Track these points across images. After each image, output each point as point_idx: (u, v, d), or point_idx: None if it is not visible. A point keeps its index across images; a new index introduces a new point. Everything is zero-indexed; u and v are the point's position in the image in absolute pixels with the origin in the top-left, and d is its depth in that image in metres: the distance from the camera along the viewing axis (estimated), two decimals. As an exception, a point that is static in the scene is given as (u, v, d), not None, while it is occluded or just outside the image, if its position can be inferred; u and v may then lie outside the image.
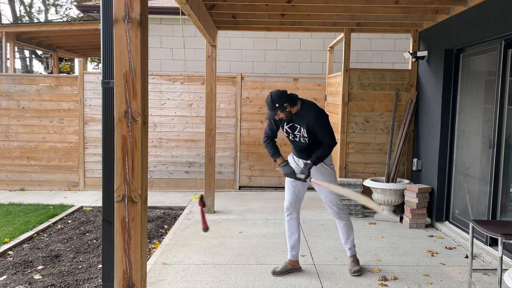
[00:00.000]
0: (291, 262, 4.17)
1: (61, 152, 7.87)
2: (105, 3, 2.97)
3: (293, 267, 4.15)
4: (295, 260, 4.18)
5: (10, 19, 24.32)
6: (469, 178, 5.25)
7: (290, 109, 3.86)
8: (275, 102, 3.80)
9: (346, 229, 4.19)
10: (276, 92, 3.85)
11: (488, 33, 4.60)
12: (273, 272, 4.08)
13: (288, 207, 4.16)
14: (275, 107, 3.81)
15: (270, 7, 5.49)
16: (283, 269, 4.10)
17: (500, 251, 3.25)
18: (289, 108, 3.84)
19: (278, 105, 3.81)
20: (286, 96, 3.85)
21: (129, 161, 2.28)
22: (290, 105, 3.84)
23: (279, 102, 3.81)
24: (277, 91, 3.87)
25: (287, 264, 4.15)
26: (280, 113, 3.85)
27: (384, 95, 6.41)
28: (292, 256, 4.18)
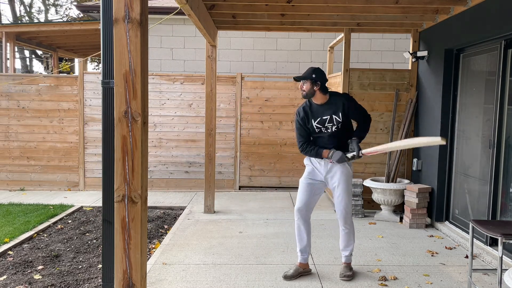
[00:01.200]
0: (302, 265, 4.09)
1: (61, 152, 7.87)
2: (105, 3, 2.97)
3: (304, 270, 4.08)
4: (305, 263, 4.11)
5: (10, 19, 24.33)
6: (469, 178, 5.25)
7: (317, 90, 3.84)
8: (315, 73, 3.82)
9: (347, 237, 4.08)
10: (321, 69, 3.90)
11: (488, 33, 4.60)
12: (285, 277, 3.99)
13: (301, 209, 4.01)
14: (311, 76, 3.81)
15: (270, 7, 5.49)
16: (294, 272, 4.02)
17: (500, 251, 3.25)
18: (317, 87, 3.83)
19: (315, 76, 3.80)
20: (325, 78, 3.88)
21: (129, 161, 2.28)
22: (320, 86, 3.84)
23: (317, 75, 3.82)
24: (323, 71, 3.92)
25: (298, 267, 4.06)
26: (308, 84, 3.83)
27: (384, 95, 6.41)
28: (302, 260, 4.09)
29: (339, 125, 3.88)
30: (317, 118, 3.91)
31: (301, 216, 4.03)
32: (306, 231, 4.06)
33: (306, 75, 3.85)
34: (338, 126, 3.88)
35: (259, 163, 7.94)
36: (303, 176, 4.07)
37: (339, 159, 3.82)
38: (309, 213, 4.06)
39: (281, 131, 7.89)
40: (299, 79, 3.88)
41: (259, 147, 7.91)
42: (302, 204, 4.01)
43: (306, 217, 4.05)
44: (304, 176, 4.07)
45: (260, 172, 7.94)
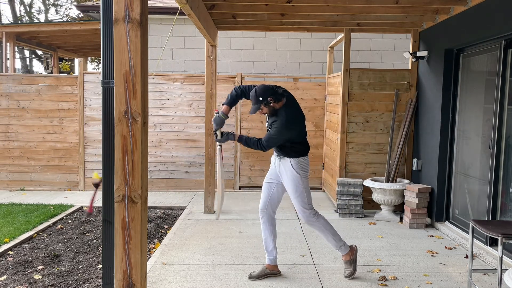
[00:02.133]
0: (269, 266, 4.04)
1: (61, 152, 7.87)
2: (105, 3, 2.96)
3: (271, 271, 4.02)
4: (273, 265, 4.05)
5: (10, 19, 24.34)
6: (469, 178, 5.25)
7: (273, 105, 3.81)
8: (259, 95, 3.77)
9: (322, 234, 4.01)
10: (260, 86, 3.83)
11: (488, 33, 4.60)
12: (250, 277, 3.97)
13: (262, 210, 4.04)
14: (258, 100, 3.78)
15: (270, 7, 5.49)
16: (260, 273, 3.98)
17: (500, 251, 3.25)
18: (272, 103, 3.80)
19: (262, 99, 3.77)
20: (270, 90, 3.80)
21: (129, 161, 2.28)
22: (274, 100, 3.79)
23: (262, 96, 3.77)
24: (262, 85, 3.85)
25: (264, 268, 4.03)
26: (264, 107, 3.81)
27: (384, 95, 6.41)
28: (269, 261, 4.05)
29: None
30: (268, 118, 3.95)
31: (262, 216, 4.04)
32: (270, 232, 4.03)
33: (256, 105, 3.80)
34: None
35: (259, 163, 7.94)
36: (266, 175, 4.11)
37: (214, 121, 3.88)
38: (270, 213, 4.04)
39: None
40: (255, 110, 3.83)
41: (259, 147, 7.89)
42: (262, 205, 4.06)
43: (269, 218, 4.03)
44: (266, 175, 4.11)
45: (260, 172, 7.94)
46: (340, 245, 4.00)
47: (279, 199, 4.08)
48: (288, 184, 3.90)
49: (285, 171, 3.90)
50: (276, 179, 4.03)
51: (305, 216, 3.93)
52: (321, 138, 7.96)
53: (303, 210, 3.91)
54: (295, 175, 3.86)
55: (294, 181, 3.87)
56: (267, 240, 4.05)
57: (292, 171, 3.86)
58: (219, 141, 3.89)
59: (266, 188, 4.06)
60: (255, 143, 3.86)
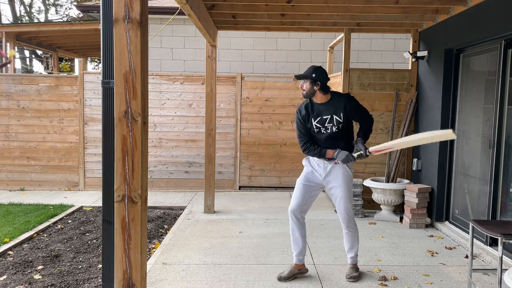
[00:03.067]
0: (297, 266, 4.03)
1: (61, 152, 7.87)
2: (105, 3, 2.97)
3: (299, 271, 4.03)
4: (301, 264, 4.05)
5: (10, 19, 24.33)
6: (469, 178, 5.25)
7: (317, 89, 3.79)
8: (316, 72, 3.76)
9: (352, 239, 4.02)
10: (323, 69, 3.84)
11: (488, 33, 4.60)
12: (279, 278, 3.94)
13: (294, 211, 3.94)
14: (311, 76, 3.76)
15: (270, 7, 5.49)
16: (289, 274, 3.97)
17: (500, 251, 3.25)
18: (318, 87, 3.78)
19: (315, 76, 3.75)
20: (326, 77, 3.82)
21: (129, 161, 2.28)
22: (320, 86, 3.78)
23: (318, 74, 3.76)
24: (325, 70, 3.86)
25: (293, 268, 4.01)
26: (308, 84, 3.78)
27: (384, 95, 6.41)
28: (298, 261, 4.03)
29: (339, 125, 3.81)
30: (317, 117, 3.85)
31: (294, 217, 3.97)
32: (300, 233, 4.00)
33: (306, 74, 3.79)
34: (338, 127, 3.81)
35: (259, 163, 7.94)
36: (300, 177, 4.02)
37: (344, 158, 3.74)
38: (303, 214, 4.00)
39: (281, 131, 7.89)
40: (300, 78, 3.83)
41: (259, 147, 7.91)
42: (296, 206, 3.96)
43: (300, 219, 3.99)
44: (301, 177, 4.01)
45: (260, 172, 7.94)
46: (357, 253, 4.09)
47: (311, 203, 4.04)
48: (341, 184, 3.85)
49: (338, 171, 3.86)
50: (315, 182, 3.95)
51: (350, 219, 3.93)
52: (321, 138, 7.95)
53: (350, 210, 3.92)
54: (349, 173, 3.90)
55: (347, 180, 3.88)
56: (297, 240, 4.01)
57: (347, 170, 3.88)
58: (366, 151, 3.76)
59: (304, 190, 3.94)
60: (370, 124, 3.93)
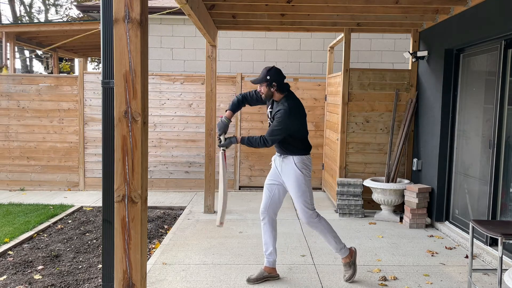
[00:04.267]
0: (267, 269, 3.98)
1: (61, 152, 7.87)
2: (105, 3, 2.96)
3: (269, 274, 3.97)
4: (271, 267, 4.00)
5: (10, 19, 24.34)
6: (469, 178, 5.25)
7: (273, 91, 3.80)
8: (269, 73, 3.77)
9: (323, 236, 3.95)
10: (277, 68, 3.83)
11: (488, 33, 4.60)
12: (248, 280, 3.92)
13: (262, 211, 3.98)
14: (265, 78, 3.77)
15: (270, 7, 5.49)
16: (258, 276, 3.93)
17: (500, 251, 3.25)
18: (274, 88, 3.78)
19: (269, 78, 3.76)
20: (281, 77, 3.80)
21: (129, 161, 2.28)
22: (277, 87, 3.78)
23: (272, 76, 3.76)
24: (279, 69, 3.85)
25: (263, 271, 3.97)
26: (264, 86, 3.80)
27: (384, 95, 6.41)
28: (268, 263, 3.98)
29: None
30: (271, 107, 3.91)
31: (263, 218, 3.99)
32: (270, 234, 3.98)
33: (261, 78, 3.80)
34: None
35: (259, 163, 7.94)
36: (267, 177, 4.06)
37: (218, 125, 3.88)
38: (273, 215, 3.99)
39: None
40: (255, 83, 3.83)
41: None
42: (262, 207, 3.99)
43: (270, 220, 3.98)
44: (267, 177, 4.06)
45: (260, 172, 7.94)
46: (340, 248, 3.95)
47: (280, 201, 4.02)
48: (291, 183, 3.85)
49: (287, 170, 3.86)
50: (277, 180, 3.98)
51: (307, 217, 3.88)
52: (321, 138, 7.96)
53: (305, 210, 3.86)
54: (298, 173, 3.82)
55: (297, 180, 3.82)
56: (267, 242, 4.00)
57: (296, 169, 3.82)
58: (222, 145, 3.85)
59: (267, 190, 4.00)
60: (258, 140, 3.81)
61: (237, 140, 3.88)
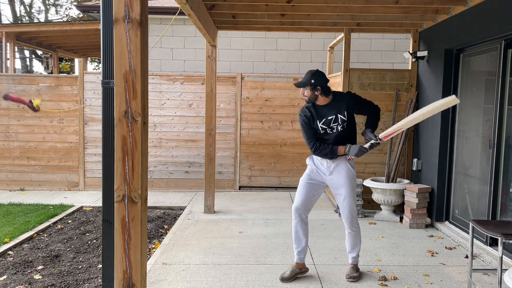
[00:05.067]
0: (298, 265, 4.04)
1: (61, 152, 7.87)
2: (105, 3, 2.97)
3: (300, 270, 4.04)
4: (302, 263, 4.06)
5: (10, 19, 24.33)
6: (469, 178, 5.25)
7: (318, 94, 3.78)
8: (314, 77, 3.75)
9: (354, 239, 4.02)
10: (321, 72, 3.82)
11: (488, 33, 4.60)
12: (282, 279, 3.93)
13: (298, 208, 3.95)
14: (311, 82, 3.74)
15: (270, 7, 5.49)
16: (291, 274, 3.96)
17: (500, 251, 3.25)
18: (319, 92, 3.77)
19: (314, 82, 3.74)
20: (326, 80, 3.81)
21: (129, 161, 2.28)
22: (321, 90, 3.78)
23: (316, 79, 3.75)
24: (323, 72, 3.84)
25: (294, 268, 4.01)
26: (309, 90, 3.77)
27: (384, 95, 6.41)
28: (299, 259, 4.03)
29: (344, 124, 3.83)
30: (322, 119, 3.84)
31: (298, 215, 3.98)
32: (303, 231, 4.01)
33: (305, 81, 3.78)
34: (343, 125, 3.83)
35: (259, 163, 7.94)
36: (304, 176, 4.02)
37: (358, 152, 3.69)
38: (306, 213, 4.01)
39: (281, 131, 7.89)
40: (299, 86, 3.81)
41: (259, 147, 7.91)
42: (299, 204, 3.96)
43: (304, 217, 4.00)
44: (304, 176, 4.02)
45: (260, 172, 7.94)
46: (359, 254, 4.09)
47: (315, 202, 4.05)
48: (344, 184, 3.85)
49: (341, 170, 3.85)
50: (319, 181, 3.96)
51: (353, 218, 3.93)
52: (321, 138, 7.95)
53: (354, 210, 3.91)
54: (352, 173, 3.88)
55: (351, 179, 3.87)
56: (300, 239, 4.00)
57: (350, 169, 3.87)
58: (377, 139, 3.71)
59: (307, 188, 3.95)
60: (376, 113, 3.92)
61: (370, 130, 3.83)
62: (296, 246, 4.04)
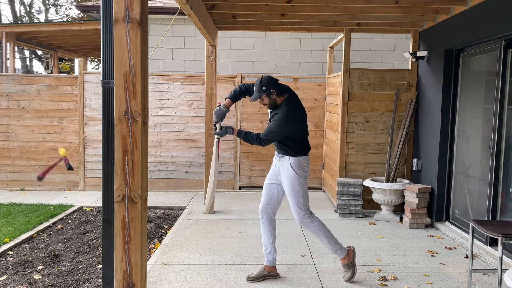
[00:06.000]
0: (267, 268, 3.99)
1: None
2: (105, 3, 2.97)
3: (269, 273, 3.99)
4: (271, 266, 4.01)
5: (10, 19, 24.33)
6: (469, 178, 5.25)
7: (275, 97, 3.80)
8: (263, 85, 3.76)
9: (316, 236, 3.95)
10: (266, 76, 3.83)
11: (488, 33, 4.60)
12: (248, 278, 3.94)
13: (261, 210, 4.01)
14: (261, 89, 3.77)
15: (270, 7, 5.49)
16: (258, 275, 3.95)
17: (500, 251, 3.25)
18: (274, 95, 3.79)
19: (265, 89, 3.76)
20: (275, 82, 3.80)
21: (129, 161, 2.28)
22: (276, 93, 3.79)
23: (266, 85, 3.76)
24: (268, 76, 3.85)
25: (263, 270, 3.99)
26: (265, 97, 3.79)
27: (384, 95, 6.41)
28: (268, 262, 4.00)
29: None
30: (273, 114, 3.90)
31: (261, 217, 4.01)
32: (269, 233, 4.00)
33: (258, 94, 3.79)
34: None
35: (259, 163, 7.94)
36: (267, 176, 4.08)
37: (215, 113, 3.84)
38: (270, 214, 4.01)
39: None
40: (256, 99, 3.82)
41: (259, 147, 7.89)
42: (261, 205, 4.02)
43: (268, 219, 4.00)
44: (267, 176, 4.08)
45: (260, 172, 7.94)
46: (337, 249, 3.94)
47: (279, 200, 4.04)
48: (285, 183, 3.87)
49: (283, 170, 3.88)
50: (276, 180, 4.00)
51: (300, 217, 3.90)
52: (321, 138, 7.96)
53: (297, 210, 3.88)
54: (292, 174, 3.83)
55: (291, 180, 3.83)
56: (265, 241, 4.02)
57: (290, 169, 3.83)
58: (217, 134, 3.87)
59: (266, 189, 4.03)
60: (254, 137, 3.83)
61: (233, 131, 3.89)
62: (264, 248, 4.04)
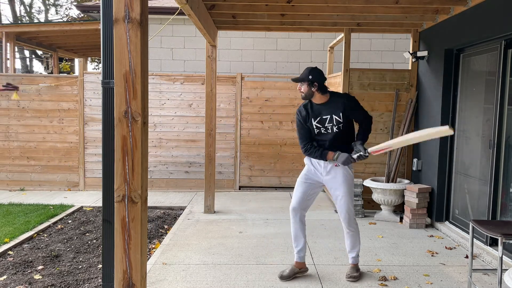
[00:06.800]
0: (298, 264, 4.06)
1: (61, 152, 7.87)
2: (105, 3, 2.97)
3: (300, 270, 4.05)
4: (301, 262, 4.07)
5: (10, 19, 24.33)
6: (469, 178, 5.25)
7: (315, 91, 3.80)
8: (312, 73, 3.78)
9: (353, 239, 4.04)
10: (319, 69, 3.85)
11: (488, 33, 4.60)
12: (281, 277, 3.96)
13: (295, 208, 3.98)
14: (308, 78, 3.77)
15: (270, 7, 5.49)
16: (290, 272, 3.98)
17: (500, 251, 3.25)
18: (315, 88, 3.79)
19: (311, 78, 3.76)
20: (323, 77, 3.82)
21: (129, 161, 2.28)
22: (318, 87, 3.79)
23: (314, 76, 3.77)
24: (321, 70, 3.87)
25: (294, 267, 4.03)
26: (306, 86, 3.79)
27: (384, 95, 6.41)
28: (299, 258, 4.05)
29: (339, 125, 3.83)
30: (317, 118, 3.86)
31: (295, 215, 4.01)
32: (301, 230, 4.03)
33: (303, 77, 3.81)
34: (338, 127, 3.84)
35: (259, 163, 7.94)
36: (301, 175, 4.05)
37: (344, 160, 3.77)
38: (304, 212, 4.03)
39: (281, 131, 7.89)
40: (297, 81, 3.85)
41: (259, 147, 7.91)
42: (296, 203, 4.00)
43: (301, 216, 4.02)
44: (301, 175, 4.04)
45: (260, 172, 7.94)
46: (359, 253, 4.10)
47: (312, 201, 4.08)
48: (342, 184, 3.88)
49: (338, 171, 3.88)
50: (315, 181, 3.99)
51: (351, 218, 3.96)
52: (321, 138, 7.95)
53: (351, 210, 3.95)
54: (349, 173, 3.92)
55: (348, 180, 3.90)
56: (299, 239, 4.03)
57: (347, 169, 3.91)
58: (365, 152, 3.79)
59: (301, 187, 3.99)
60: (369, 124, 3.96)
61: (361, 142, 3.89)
62: (295, 245, 4.06)
